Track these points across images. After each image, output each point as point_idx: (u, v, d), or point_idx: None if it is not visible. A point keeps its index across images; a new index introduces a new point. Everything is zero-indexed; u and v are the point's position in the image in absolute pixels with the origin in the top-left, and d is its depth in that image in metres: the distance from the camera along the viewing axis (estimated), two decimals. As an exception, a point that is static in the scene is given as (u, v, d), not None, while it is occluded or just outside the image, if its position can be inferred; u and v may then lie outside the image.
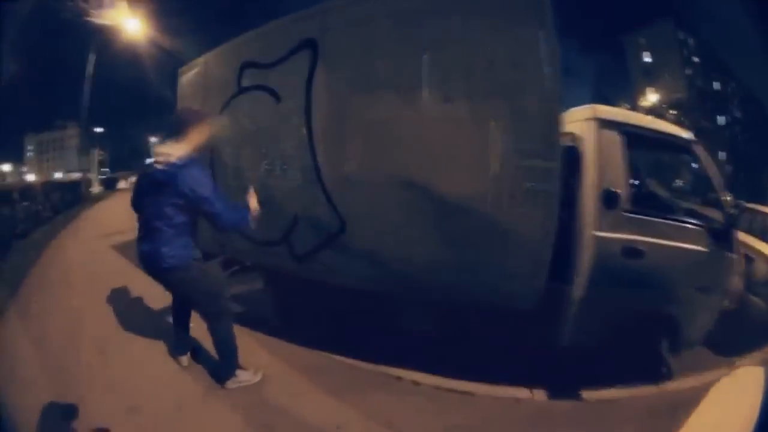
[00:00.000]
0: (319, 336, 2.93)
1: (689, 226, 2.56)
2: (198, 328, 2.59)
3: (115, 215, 8.74)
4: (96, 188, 17.82)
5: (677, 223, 2.56)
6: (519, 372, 2.56)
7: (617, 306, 2.43)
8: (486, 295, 2.27)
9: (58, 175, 25.39)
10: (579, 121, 2.61)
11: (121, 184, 18.61)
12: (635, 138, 2.55)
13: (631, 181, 2.65)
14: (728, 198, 2.65)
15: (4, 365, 2.99)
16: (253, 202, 2.40)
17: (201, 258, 2.41)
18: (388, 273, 2.51)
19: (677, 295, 2.48)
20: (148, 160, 2.34)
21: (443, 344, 2.65)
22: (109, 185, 19.32)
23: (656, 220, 2.50)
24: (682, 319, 2.52)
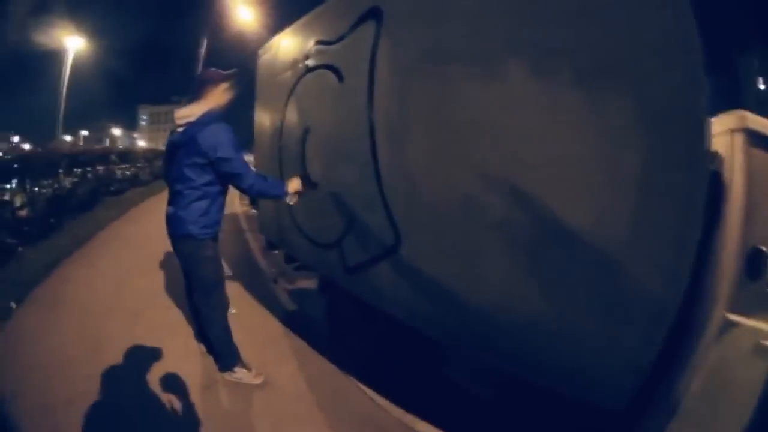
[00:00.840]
0: (354, 359, 2.49)
1: None
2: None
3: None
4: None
5: None
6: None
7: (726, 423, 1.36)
8: (557, 375, 1.47)
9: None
10: (719, 134, 1.52)
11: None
12: None
13: None
14: None
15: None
16: (294, 183, 2.23)
17: (217, 239, 2.22)
18: (439, 314, 1.85)
19: None
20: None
21: (487, 414, 1.99)
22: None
23: None
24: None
